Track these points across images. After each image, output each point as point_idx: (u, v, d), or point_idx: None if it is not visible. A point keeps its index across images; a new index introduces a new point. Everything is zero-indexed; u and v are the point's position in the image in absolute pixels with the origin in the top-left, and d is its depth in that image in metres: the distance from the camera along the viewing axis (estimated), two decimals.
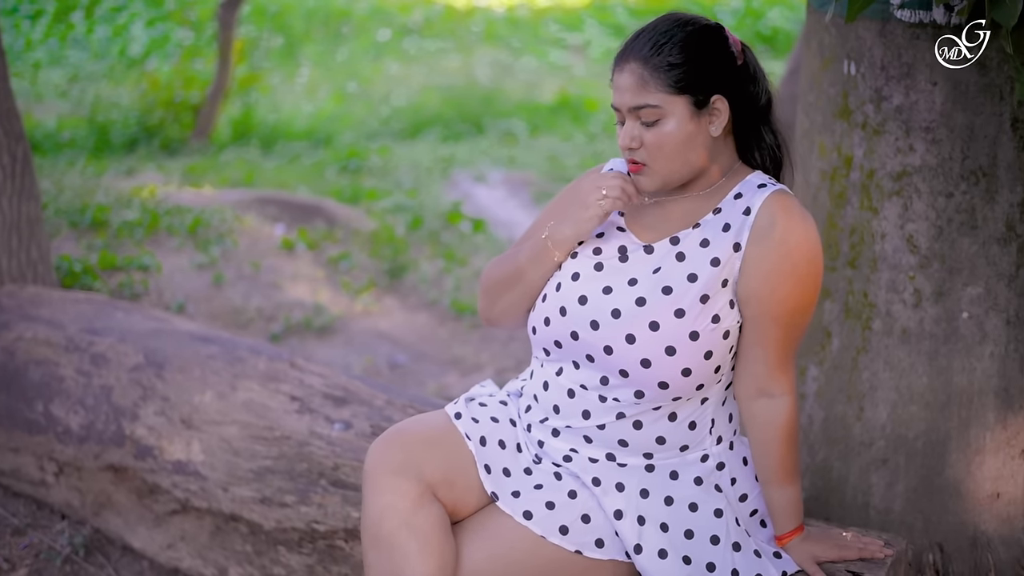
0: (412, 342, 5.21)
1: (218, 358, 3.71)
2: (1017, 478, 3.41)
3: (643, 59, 2.53)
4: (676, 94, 2.52)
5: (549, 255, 2.69)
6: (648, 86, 2.52)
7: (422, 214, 6.47)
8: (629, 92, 2.53)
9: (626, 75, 2.54)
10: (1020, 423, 3.38)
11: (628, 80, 2.54)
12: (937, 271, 3.27)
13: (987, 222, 3.25)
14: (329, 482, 3.38)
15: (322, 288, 5.52)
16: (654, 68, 2.52)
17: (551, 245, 2.68)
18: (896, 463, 3.36)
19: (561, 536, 2.59)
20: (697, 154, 2.58)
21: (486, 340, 5.29)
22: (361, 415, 3.50)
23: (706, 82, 2.55)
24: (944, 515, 3.38)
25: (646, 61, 2.53)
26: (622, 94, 2.55)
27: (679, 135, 2.54)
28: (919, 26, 3.16)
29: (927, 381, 3.31)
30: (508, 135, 9.08)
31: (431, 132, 9.09)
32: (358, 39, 12.92)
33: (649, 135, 2.54)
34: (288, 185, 7.09)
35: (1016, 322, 3.32)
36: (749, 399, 2.65)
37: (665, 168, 2.57)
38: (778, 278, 2.55)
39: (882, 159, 3.26)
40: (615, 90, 2.57)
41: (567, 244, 2.67)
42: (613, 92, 2.58)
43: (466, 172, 7.57)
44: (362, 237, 6.03)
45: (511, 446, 2.72)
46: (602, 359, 2.59)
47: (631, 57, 2.54)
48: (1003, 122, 3.20)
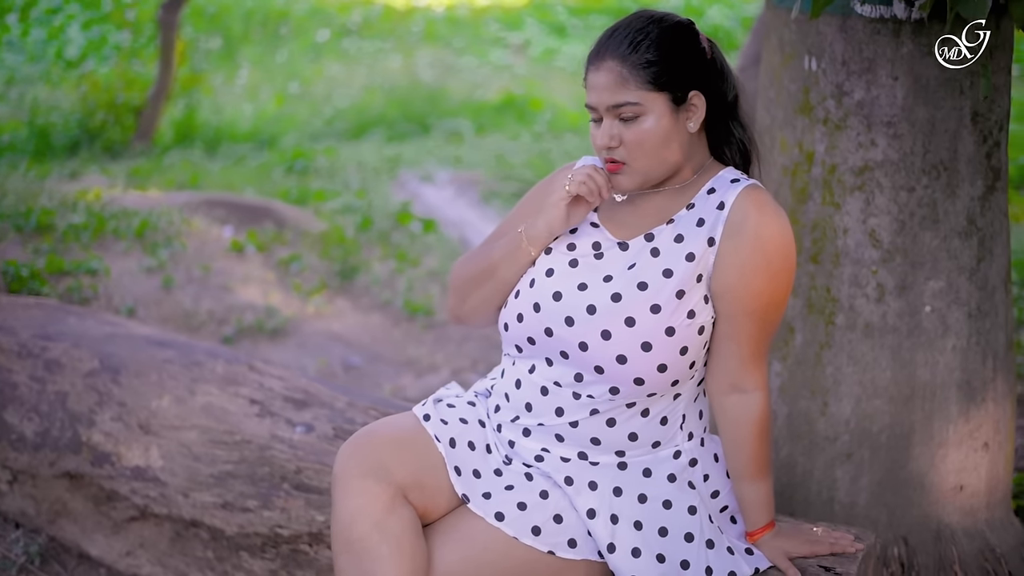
0: (366, 343, 5.17)
1: (175, 362, 3.66)
2: (980, 470, 3.43)
3: (621, 57, 2.52)
4: (655, 91, 2.52)
5: (524, 251, 2.68)
6: (628, 84, 2.51)
7: (371, 215, 6.43)
8: (608, 90, 2.52)
9: (604, 73, 2.53)
10: (982, 416, 3.40)
11: (606, 78, 2.52)
12: (899, 265, 3.28)
13: (948, 216, 3.26)
14: (292, 486, 3.34)
15: (273, 290, 5.47)
16: (633, 65, 2.51)
17: (526, 241, 2.66)
18: (860, 457, 3.37)
19: (534, 537, 2.58)
20: (675, 151, 2.58)
21: (440, 341, 5.26)
22: (323, 417, 3.46)
23: (683, 78, 2.55)
24: (908, 508, 3.39)
25: (624, 59, 2.52)
26: (600, 92, 2.53)
27: (659, 132, 2.54)
28: (879, 21, 3.17)
29: (890, 375, 3.32)
30: (454, 134, 9.05)
31: (376, 132, 9.04)
32: (297, 40, 12.84)
33: (629, 133, 2.53)
34: (234, 187, 7.03)
35: (977, 315, 3.34)
36: (721, 394, 2.64)
37: (645, 165, 2.56)
38: (752, 273, 2.55)
39: (844, 154, 3.27)
40: (591, 89, 2.55)
41: (541, 239, 2.66)
42: (588, 91, 2.56)
43: (413, 172, 7.54)
44: (312, 238, 5.98)
45: (480, 447, 2.70)
46: (577, 355, 2.57)
47: (608, 55, 2.53)
48: (963, 116, 3.22)
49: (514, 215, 2.84)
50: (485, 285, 2.74)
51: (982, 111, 3.24)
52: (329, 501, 3.28)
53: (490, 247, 2.76)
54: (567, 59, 12.93)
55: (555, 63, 12.69)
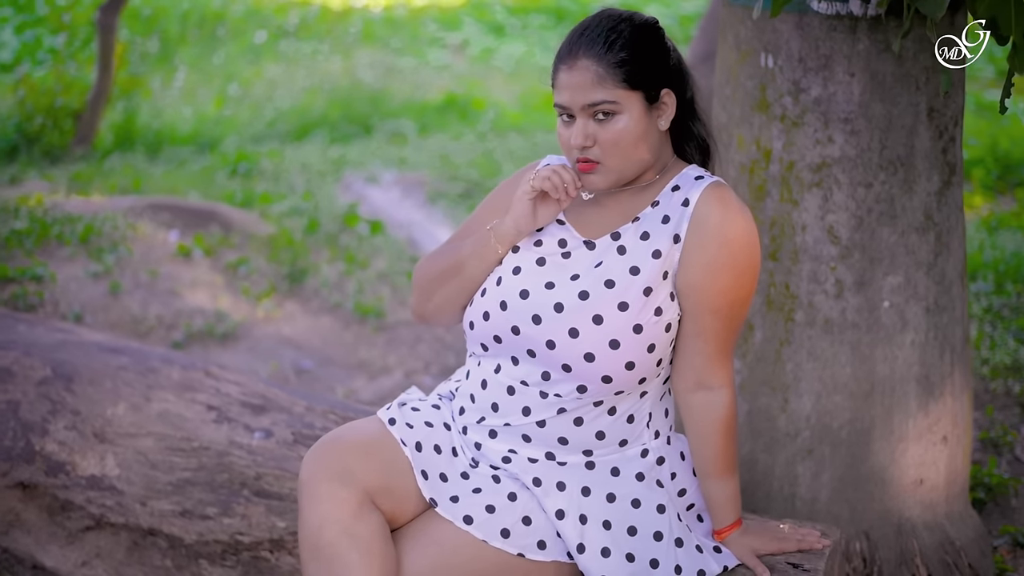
0: (317, 347, 5.13)
1: (129, 369, 3.61)
2: (939, 464, 3.45)
3: (597, 56, 2.51)
4: (630, 90, 2.52)
5: (492, 249, 2.67)
6: (605, 82, 2.50)
7: (318, 217, 6.38)
8: (583, 89, 2.51)
9: (578, 72, 2.52)
10: (941, 410, 3.42)
11: (581, 77, 2.51)
12: (858, 261, 3.29)
13: (906, 211, 3.28)
14: (252, 492, 3.30)
15: (222, 294, 5.42)
16: (608, 64, 2.51)
17: (494, 239, 2.65)
18: (821, 453, 3.38)
19: (503, 539, 2.56)
20: (647, 149, 2.59)
21: (392, 343, 5.24)
22: (281, 423, 3.43)
23: (655, 77, 2.56)
24: (869, 503, 3.41)
25: (600, 58, 2.51)
26: (574, 92, 2.52)
27: (634, 131, 2.54)
28: (836, 18, 3.18)
29: (850, 371, 3.34)
30: (397, 135, 9.01)
31: (318, 134, 8.98)
32: (234, 42, 12.74)
33: (604, 132, 2.53)
34: (178, 191, 6.96)
35: (935, 310, 3.36)
36: (687, 392, 2.65)
37: (619, 164, 2.56)
38: (717, 270, 2.55)
39: (801, 151, 3.28)
40: (563, 89, 2.54)
41: (509, 237, 2.66)
42: (559, 91, 2.55)
43: (358, 174, 7.50)
44: (259, 242, 5.93)
45: (447, 450, 2.68)
46: (544, 354, 2.57)
47: (582, 54, 2.52)
48: (919, 112, 3.24)
49: (478, 215, 2.83)
50: (451, 282, 2.72)
51: (938, 107, 3.26)
52: (291, 507, 3.26)
53: (457, 245, 2.75)
54: (506, 59, 12.91)
55: (494, 63, 12.67)
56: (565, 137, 2.57)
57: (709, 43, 5.76)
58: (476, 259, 2.69)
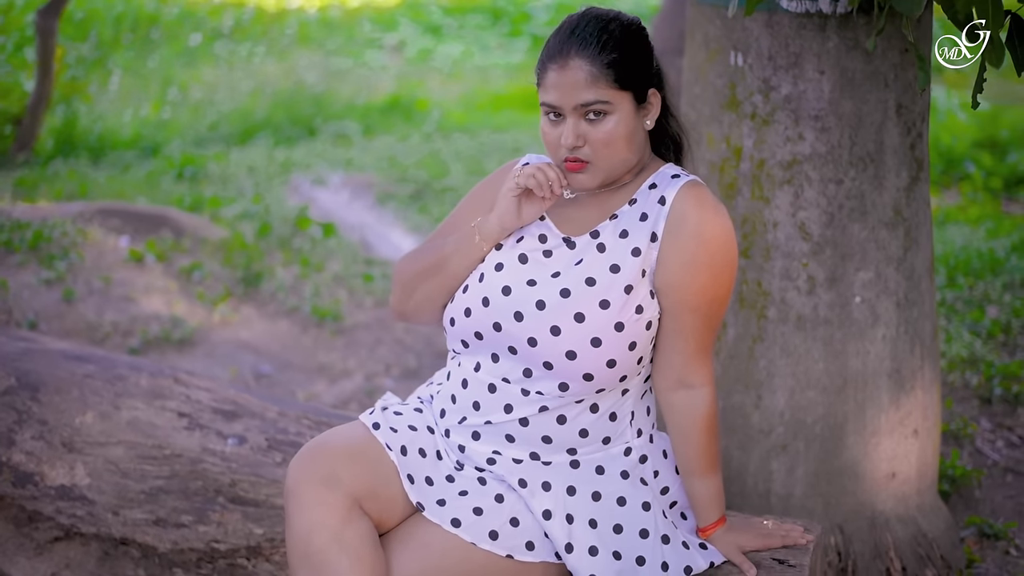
0: (276, 351, 5.09)
1: (96, 377, 3.57)
2: (910, 457, 3.49)
3: (590, 56, 2.51)
4: (621, 90, 2.53)
5: (476, 246, 2.67)
6: (599, 82, 2.50)
7: (269, 220, 6.34)
8: (576, 89, 2.51)
9: (571, 72, 2.51)
10: (912, 403, 3.45)
11: (574, 77, 2.51)
12: (829, 257, 3.31)
13: (876, 207, 3.31)
14: (227, 499, 3.27)
15: (177, 300, 5.36)
16: (601, 65, 2.51)
17: (479, 236, 2.65)
18: (795, 449, 3.40)
19: (491, 541, 2.56)
20: (634, 148, 2.59)
21: (351, 346, 5.21)
22: (254, 428, 3.40)
23: (643, 77, 2.57)
24: (843, 497, 3.43)
25: (593, 58, 2.51)
26: (566, 91, 2.52)
27: (624, 130, 2.54)
28: (805, 16, 3.20)
29: (823, 366, 3.36)
30: (341, 137, 8.97)
31: (262, 137, 8.91)
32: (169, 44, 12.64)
33: (596, 132, 2.53)
34: (125, 196, 6.88)
35: (905, 304, 3.39)
36: (668, 390, 2.65)
37: (608, 164, 2.56)
38: (695, 268, 2.56)
39: (772, 148, 3.29)
40: (553, 88, 2.53)
41: (494, 234, 2.66)
42: (549, 90, 2.54)
43: (305, 176, 7.45)
44: (212, 246, 5.88)
45: (431, 454, 2.67)
46: (525, 351, 2.57)
47: (575, 54, 2.51)
48: (888, 108, 3.27)
49: (459, 212, 2.83)
50: (433, 279, 2.72)
51: (906, 103, 3.29)
52: (268, 514, 3.23)
53: (440, 243, 2.75)
54: (443, 59, 12.90)
55: (432, 63, 12.65)
56: (553, 136, 2.56)
57: (664, 40, 5.78)
58: (459, 255, 2.69)
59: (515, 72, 12.19)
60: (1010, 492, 4.22)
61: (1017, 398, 4.72)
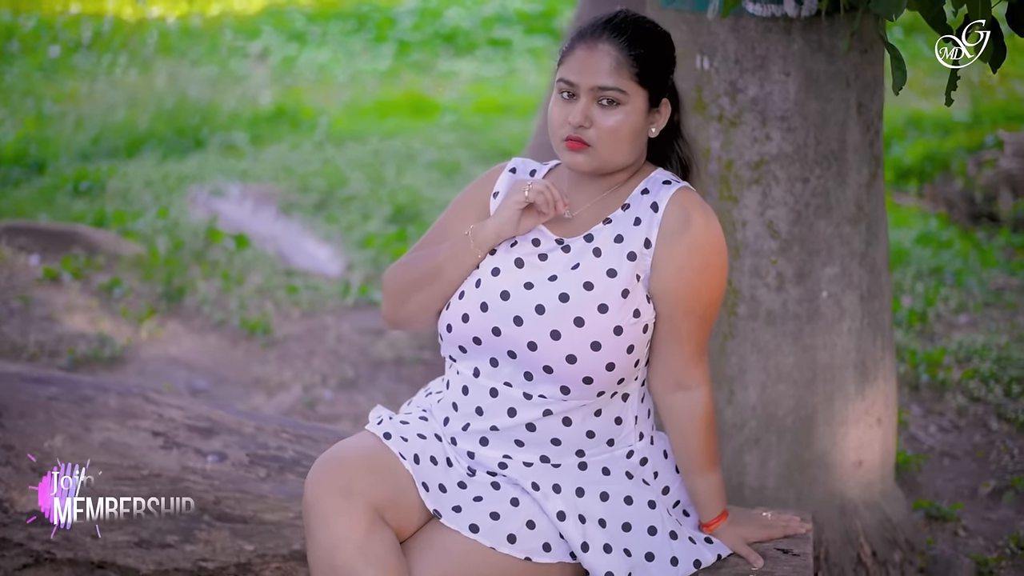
0: (208, 366, 5.04)
1: (61, 399, 3.50)
2: (875, 445, 3.59)
3: (620, 45, 2.57)
4: (640, 85, 2.58)
5: (471, 253, 2.69)
6: (623, 71, 2.56)
7: (180, 234, 6.25)
8: (599, 72, 2.56)
9: (599, 54, 2.57)
10: (875, 393, 3.56)
11: (600, 59, 2.56)
12: (797, 254, 3.40)
13: (840, 204, 3.41)
14: (213, 517, 3.24)
15: (101, 318, 5.27)
16: (629, 55, 2.57)
17: (474, 243, 2.67)
18: (768, 442, 3.48)
19: (510, 545, 2.59)
20: (634, 148, 2.64)
21: (285, 357, 5.17)
22: (234, 444, 3.37)
23: (662, 83, 2.62)
24: (814, 487, 3.52)
25: (623, 48, 2.57)
26: (589, 72, 2.56)
27: (632, 125, 2.59)
28: (771, 19, 3.28)
29: (793, 360, 3.45)
30: (230, 147, 8.86)
31: (148, 150, 8.76)
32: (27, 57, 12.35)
33: (605, 119, 2.57)
34: (24, 212, 6.72)
35: (868, 297, 3.49)
36: (666, 393, 2.71)
37: (608, 153, 2.60)
38: (689, 274, 2.62)
39: (739, 149, 3.37)
40: (576, 66, 2.58)
41: (489, 242, 2.68)
42: (571, 66, 2.58)
43: (203, 188, 7.35)
44: (127, 262, 5.78)
45: (442, 461, 2.69)
46: (525, 355, 2.59)
47: (606, 39, 2.57)
48: (850, 107, 3.37)
49: (447, 220, 2.83)
50: (428, 288, 2.73)
51: (865, 102, 3.39)
52: (257, 530, 3.22)
53: (432, 251, 2.76)
54: (309, 66, 12.79)
55: (297, 71, 12.53)
56: (560, 114, 2.60)
57: None
58: (454, 263, 2.70)
59: (385, 78, 12.15)
60: (949, 475, 4.38)
61: (943, 384, 4.89)
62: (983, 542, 3.94)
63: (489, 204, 2.79)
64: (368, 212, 7.14)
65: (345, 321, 5.51)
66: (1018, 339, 5.30)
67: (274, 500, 3.27)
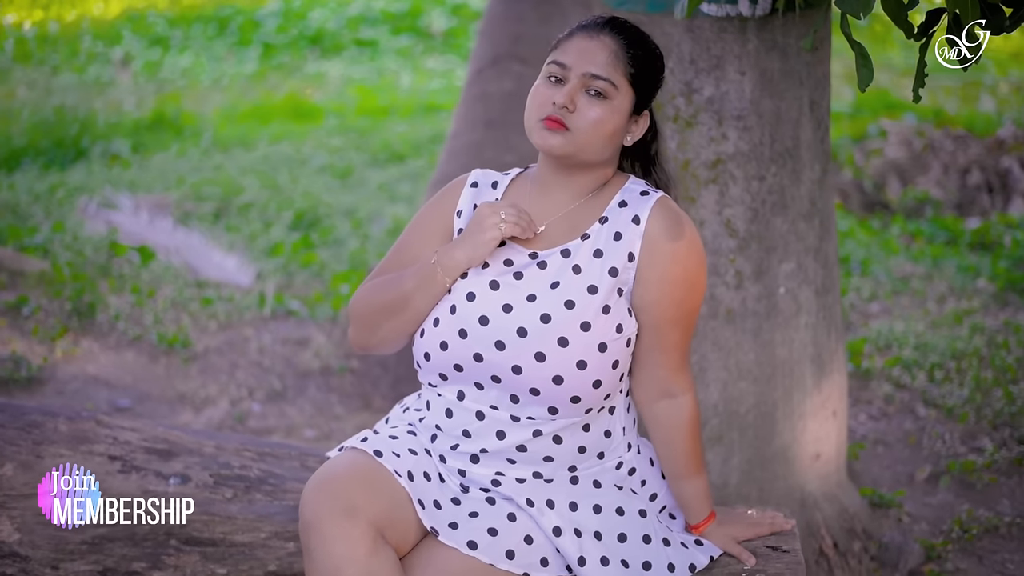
0: (129, 383, 4.91)
1: (7, 426, 3.37)
2: (831, 438, 3.64)
3: (620, 42, 2.59)
4: (630, 85, 2.59)
5: (439, 280, 2.64)
6: (617, 65, 2.57)
7: (81, 248, 6.08)
8: (595, 62, 2.56)
9: (599, 44, 2.58)
10: (831, 386, 3.60)
11: (600, 49, 2.57)
12: (755, 252, 3.43)
13: (795, 201, 3.44)
14: (181, 541, 3.15)
15: (12, 338, 5.10)
16: (628, 54, 2.58)
17: (442, 272, 2.63)
18: (730, 439, 3.51)
19: (509, 561, 2.57)
20: (608, 149, 2.63)
21: (207, 372, 5.06)
22: (195, 465, 3.28)
23: (650, 93, 2.65)
24: (775, 481, 3.56)
25: (622, 45, 2.59)
26: (585, 59, 2.56)
27: (613, 122, 2.59)
28: (726, 19, 3.30)
29: (753, 357, 3.47)
30: (114, 157, 8.65)
31: (26, 162, 8.51)
32: None
33: (589, 109, 2.56)
34: None
35: (822, 291, 3.54)
36: (651, 402, 2.70)
37: (584, 142, 2.58)
38: (673, 284, 2.62)
39: (696, 149, 3.38)
40: (574, 50, 2.58)
41: (459, 269, 2.64)
42: (567, 51, 2.59)
43: (92, 200, 7.16)
44: (31, 279, 5.60)
45: (435, 477, 2.65)
46: (510, 379, 2.57)
47: (609, 33, 2.59)
48: (803, 105, 3.40)
49: (409, 240, 2.78)
50: (398, 317, 2.69)
51: (816, 99, 3.43)
52: (229, 552, 3.14)
53: (397, 277, 2.70)
54: (173, 71, 12.56)
55: (161, 76, 12.29)
56: (546, 95, 2.58)
57: (495, 46, 5.81)
58: (422, 293, 2.66)
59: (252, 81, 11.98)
60: (884, 463, 4.45)
61: (868, 373, 4.98)
62: (927, 527, 4.01)
63: (452, 223, 2.75)
64: (268, 220, 7.03)
65: (265, 332, 5.41)
66: (933, 325, 5.42)
67: (244, 521, 3.19)
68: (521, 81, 5.50)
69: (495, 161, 4.94)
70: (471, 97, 5.76)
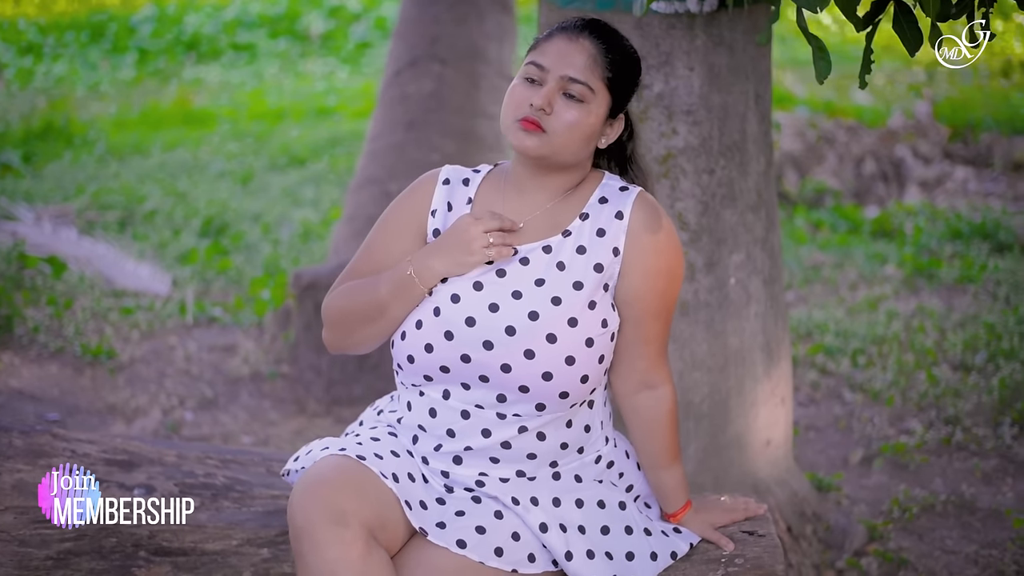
0: (56, 396, 4.82)
1: None
2: (780, 424, 3.72)
3: (599, 46, 2.60)
4: (607, 89, 2.61)
5: (415, 288, 2.64)
6: (596, 68, 2.58)
7: None
8: (574, 64, 2.57)
9: (578, 47, 2.59)
10: (779, 373, 3.68)
11: (579, 52, 2.58)
12: (707, 244, 3.49)
13: (743, 193, 3.51)
14: (150, 552, 3.12)
15: None
16: (606, 58, 2.60)
17: (419, 283, 2.64)
18: (686, 428, 3.57)
19: (497, 558, 2.58)
20: (583, 150, 2.65)
21: (135, 381, 4.99)
22: (159, 475, 3.25)
23: (626, 98, 2.67)
24: (729, 469, 3.63)
25: (601, 49, 2.60)
26: (563, 59, 2.58)
27: (589, 125, 2.60)
28: (674, 16, 3.36)
29: (707, 347, 3.54)
30: (5, 167, 8.47)
31: None
32: None
33: (566, 112, 2.57)
34: None
35: (770, 281, 3.61)
36: (631, 394, 2.74)
37: (560, 145, 2.59)
38: (656, 277, 2.66)
39: (647, 144, 3.43)
40: (554, 53, 2.59)
41: (436, 280, 2.64)
42: (546, 53, 2.60)
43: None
44: None
45: (419, 478, 2.66)
46: (498, 378, 2.59)
47: (588, 35, 2.61)
48: (748, 99, 3.47)
49: (378, 241, 2.77)
50: (375, 323, 2.68)
51: (761, 93, 3.50)
52: (201, 561, 3.12)
53: (372, 283, 2.69)
54: (47, 79, 12.33)
55: (35, 84, 12.05)
56: (523, 96, 2.58)
57: (412, 48, 5.81)
58: (399, 302, 2.65)
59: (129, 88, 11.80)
60: (818, 447, 4.56)
61: (794, 360, 5.08)
62: (866, 508, 4.11)
63: (426, 222, 2.74)
64: (176, 227, 6.95)
65: (190, 340, 5.35)
66: (850, 312, 5.55)
67: (213, 529, 3.16)
68: (441, 82, 5.51)
69: (421, 162, 4.95)
70: (390, 99, 5.74)
